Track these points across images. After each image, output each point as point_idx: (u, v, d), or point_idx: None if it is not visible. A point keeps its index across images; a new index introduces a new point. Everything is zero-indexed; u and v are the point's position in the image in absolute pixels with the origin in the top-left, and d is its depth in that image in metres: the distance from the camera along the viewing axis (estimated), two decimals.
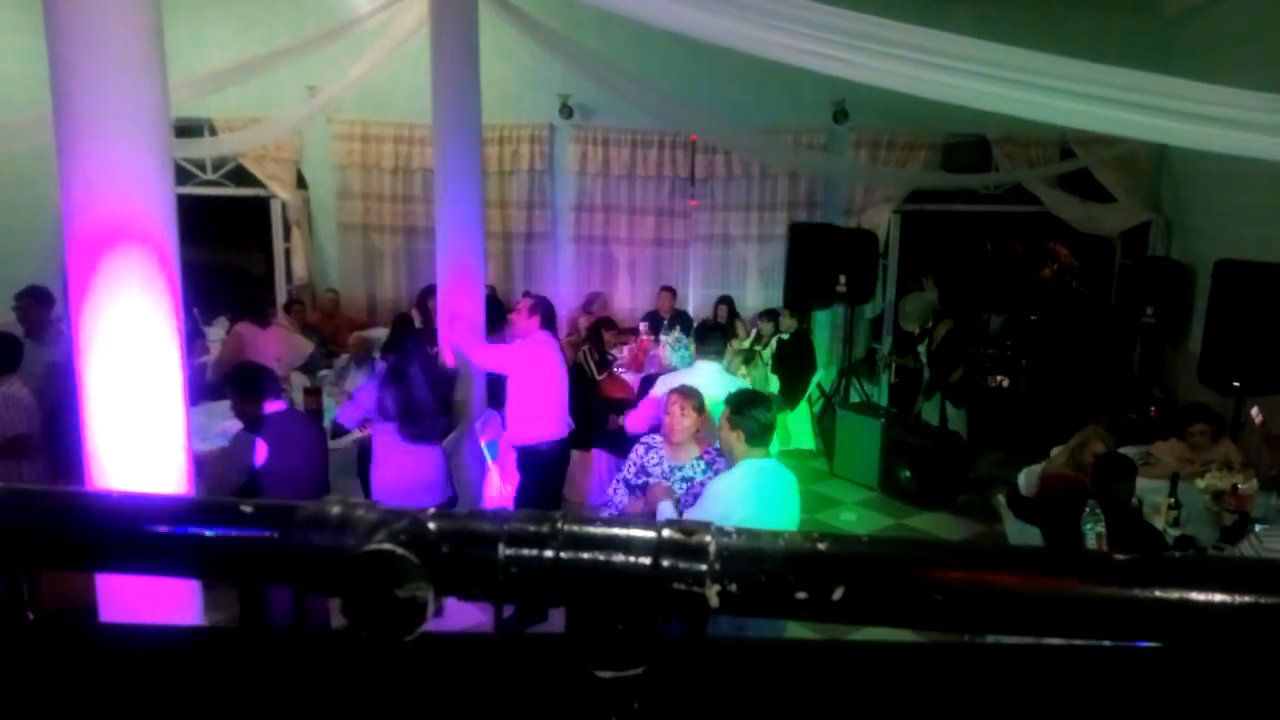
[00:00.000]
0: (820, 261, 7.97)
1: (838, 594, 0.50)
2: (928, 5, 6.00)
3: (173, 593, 2.89)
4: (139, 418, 2.97)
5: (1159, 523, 4.60)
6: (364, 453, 5.36)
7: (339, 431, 4.77)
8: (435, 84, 5.76)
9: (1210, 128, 3.27)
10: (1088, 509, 4.16)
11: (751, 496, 3.55)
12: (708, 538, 0.52)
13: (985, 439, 7.68)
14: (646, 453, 4.13)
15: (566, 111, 8.49)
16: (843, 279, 7.94)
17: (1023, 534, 5.02)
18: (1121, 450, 4.95)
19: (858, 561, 0.52)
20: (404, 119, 8.45)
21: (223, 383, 4.81)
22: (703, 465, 4.04)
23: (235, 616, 4.40)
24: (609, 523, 0.54)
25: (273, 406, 4.11)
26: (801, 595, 0.51)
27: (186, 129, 7.98)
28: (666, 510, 3.76)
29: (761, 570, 0.51)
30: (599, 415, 6.39)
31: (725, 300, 8.51)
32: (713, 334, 5.37)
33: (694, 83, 8.20)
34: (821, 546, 0.52)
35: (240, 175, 8.92)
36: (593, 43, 7.57)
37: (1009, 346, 7.74)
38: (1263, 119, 3.40)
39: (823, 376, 8.29)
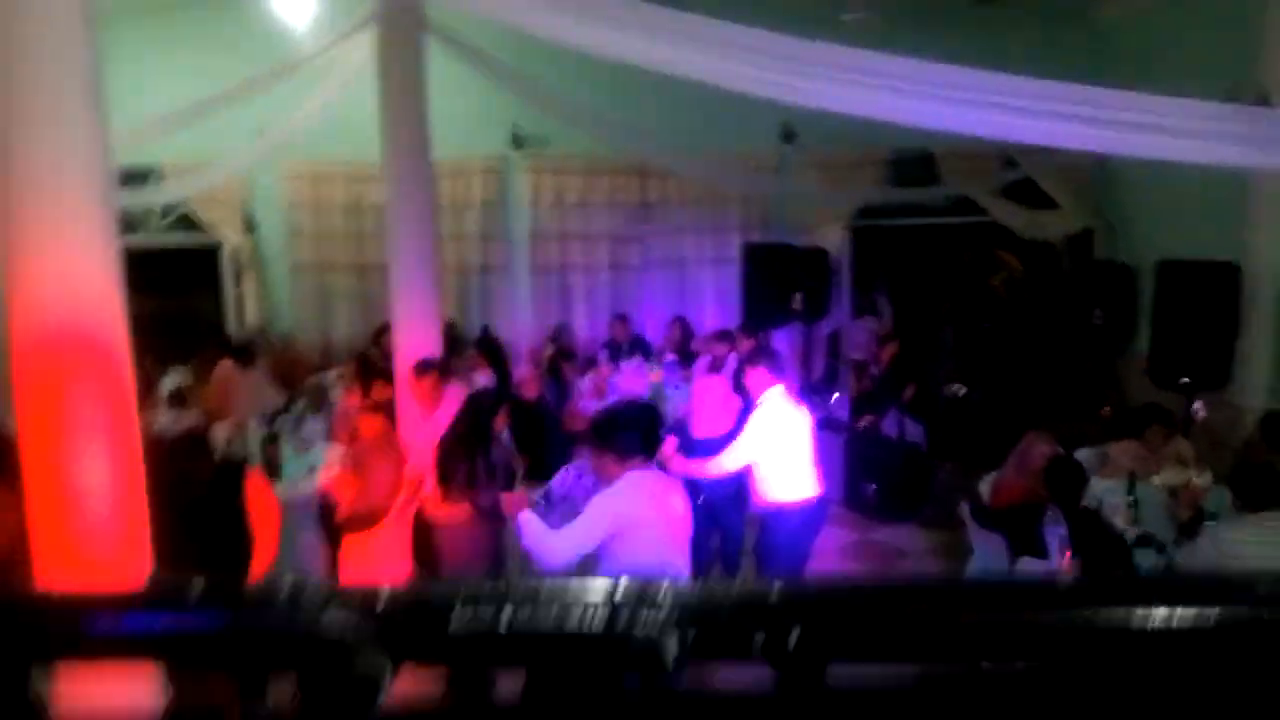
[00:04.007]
0: (774, 281, 8.04)
1: (793, 636, 0.51)
2: (869, 28, 6.14)
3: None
4: (93, 480, 2.91)
5: (1119, 522, 4.68)
6: (323, 509, 5.17)
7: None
8: (384, 120, 5.76)
9: (1145, 136, 3.38)
10: (1049, 514, 4.23)
11: (643, 501, 3.49)
12: (662, 589, 0.53)
13: (945, 449, 7.76)
14: (578, 477, 4.08)
15: (518, 142, 8.52)
16: (798, 297, 8.01)
17: (986, 541, 5.09)
18: (1078, 452, 5.04)
19: (810, 603, 0.53)
20: (354, 157, 8.41)
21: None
22: None
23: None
24: (561, 582, 0.54)
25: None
26: (758, 639, 0.51)
27: (133, 176, 7.86)
28: (526, 519, 3.53)
29: (717, 619, 0.51)
30: (561, 449, 6.35)
31: (679, 321, 8.54)
32: None
33: (643, 108, 8.25)
34: (774, 592, 0.52)
35: (189, 222, 8.81)
36: (542, 72, 7.61)
37: (963, 356, 7.86)
38: (1193, 125, 3.52)
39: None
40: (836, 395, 8.19)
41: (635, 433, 3.63)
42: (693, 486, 4.24)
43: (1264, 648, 0.50)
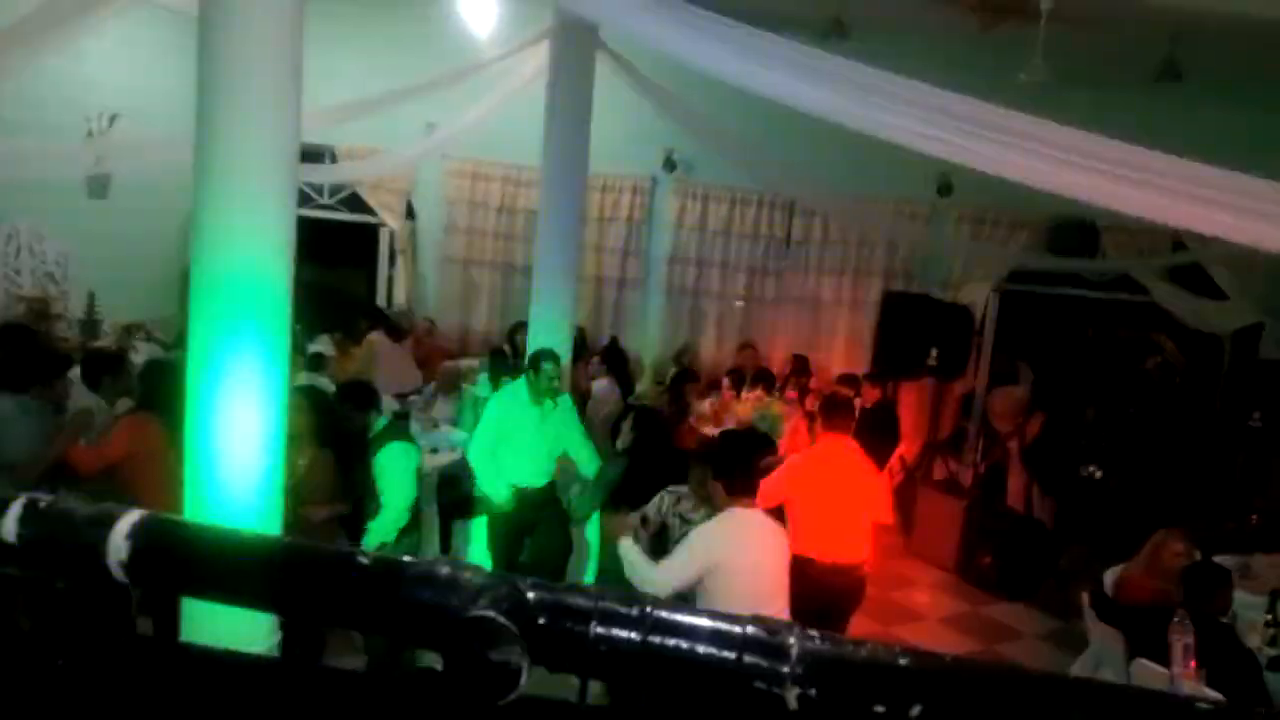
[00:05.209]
0: (912, 332, 7.86)
1: (915, 711, 0.52)
2: (1044, 90, 5.93)
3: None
4: (243, 432, 3.13)
5: (1254, 640, 4.35)
6: (444, 479, 5.44)
7: None
8: (548, 130, 5.97)
9: None
10: (1176, 619, 3.97)
11: (737, 544, 3.49)
12: (791, 639, 0.54)
13: (1073, 531, 7.38)
14: (676, 502, 4.18)
15: (669, 165, 8.64)
16: (934, 352, 7.80)
17: (1104, 636, 4.81)
18: (1217, 559, 4.71)
19: (938, 680, 0.53)
20: (514, 160, 8.72)
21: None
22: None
23: None
24: (697, 613, 0.56)
25: None
26: (879, 709, 0.52)
27: (309, 154, 8.38)
28: (626, 547, 3.60)
29: (841, 679, 0.52)
30: (673, 465, 6.37)
31: (799, 359, 8.43)
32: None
33: (796, 145, 8.21)
34: (903, 661, 0.53)
35: (353, 202, 9.33)
36: (700, 101, 7.70)
37: (1104, 438, 7.47)
38: None
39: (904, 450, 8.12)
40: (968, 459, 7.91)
41: (750, 468, 3.63)
42: None
43: None
